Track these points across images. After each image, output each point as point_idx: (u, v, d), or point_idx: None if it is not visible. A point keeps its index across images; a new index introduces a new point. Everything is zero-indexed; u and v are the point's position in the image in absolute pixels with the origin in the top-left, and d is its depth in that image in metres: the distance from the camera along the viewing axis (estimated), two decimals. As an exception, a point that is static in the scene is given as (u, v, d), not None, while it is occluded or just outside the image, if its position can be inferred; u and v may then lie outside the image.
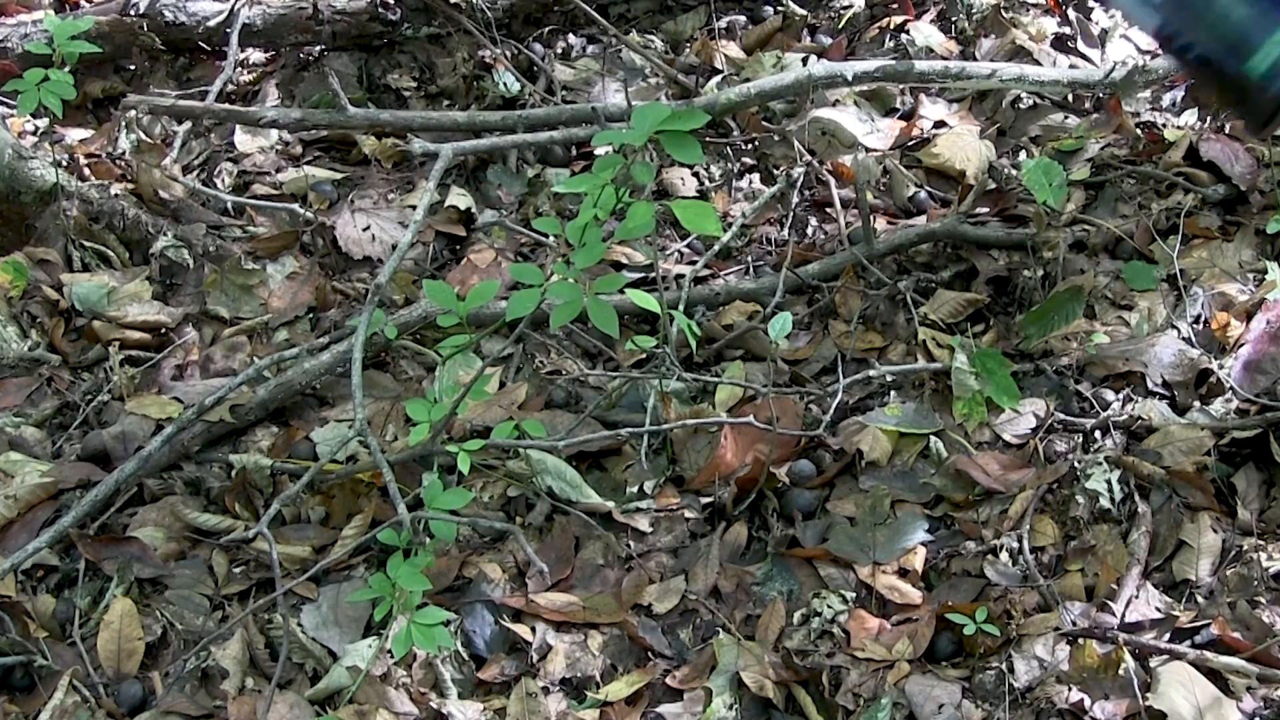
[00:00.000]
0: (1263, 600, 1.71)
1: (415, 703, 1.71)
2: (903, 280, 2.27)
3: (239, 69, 2.87)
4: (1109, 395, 2.06)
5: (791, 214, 2.50)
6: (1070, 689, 1.63)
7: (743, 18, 3.06)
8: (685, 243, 2.48)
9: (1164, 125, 2.58)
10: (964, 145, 2.55)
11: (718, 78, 2.83)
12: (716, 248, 2.42)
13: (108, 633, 1.79)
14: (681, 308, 2.19)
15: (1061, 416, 2.02)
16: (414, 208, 2.34)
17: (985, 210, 2.42)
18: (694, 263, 2.39)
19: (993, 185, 2.46)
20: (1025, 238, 2.30)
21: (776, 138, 2.64)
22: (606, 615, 1.84)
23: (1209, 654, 1.65)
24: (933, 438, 2.01)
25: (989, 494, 1.93)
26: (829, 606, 1.79)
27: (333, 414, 2.13)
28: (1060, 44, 2.84)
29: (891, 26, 2.92)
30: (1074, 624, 1.72)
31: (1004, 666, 1.68)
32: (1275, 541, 1.80)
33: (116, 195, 2.41)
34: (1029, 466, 1.96)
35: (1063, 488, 1.91)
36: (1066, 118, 2.65)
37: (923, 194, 2.53)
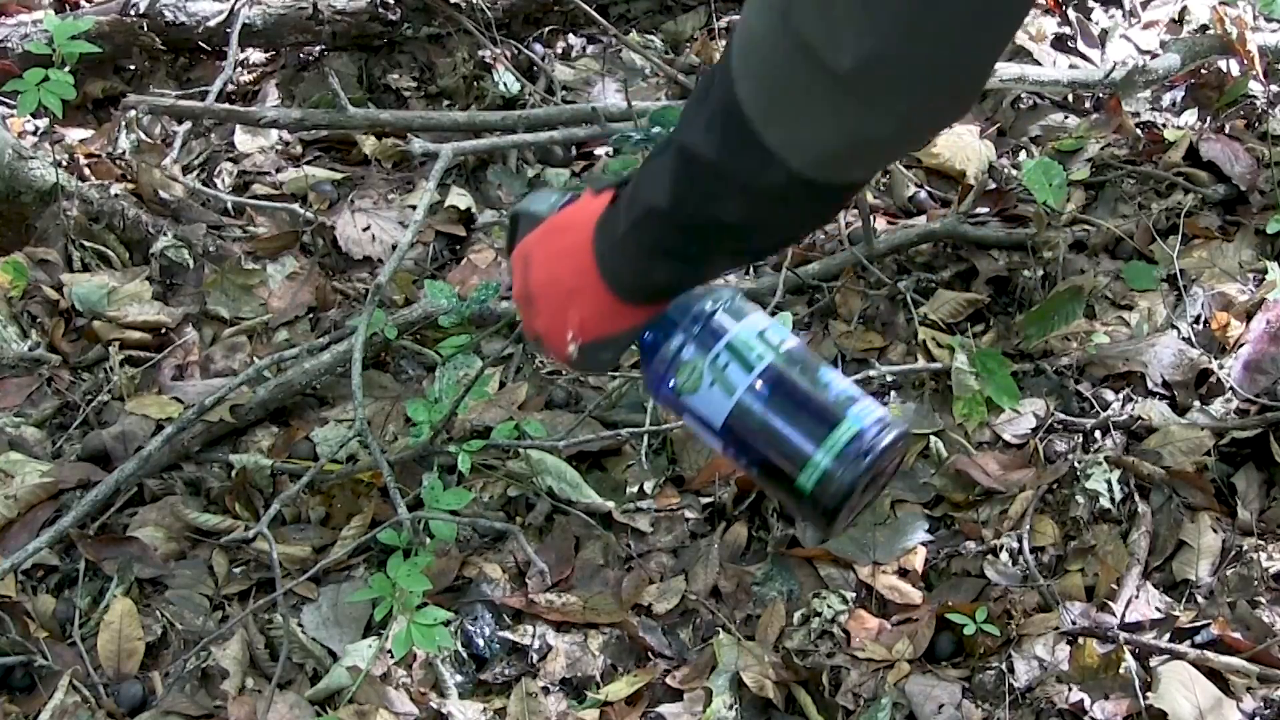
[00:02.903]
0: (1263, 600, 1.71)
1: (415, 703, 1.71)
2: (903, 280, 2.27)
3: (239, 69, 2.87)
4: (1109, 395, 2.05)
5: (791, 214, 2.50)
6: (1070, 689, 1.63)
7: (743, 18, 3.06)
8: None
9: (1164, 125, 2.58)
10: (964, 145, 2.55)
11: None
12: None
13: (108, 633, 1.78)
14: (681, 308, 2.18)
15: (1061, 416, 2.02)
16: (414, 208, 2.34)
17: (985, 210, 2.41)
18: (694, 263, 2.39)
19: (993, 185, 2.46)
20: (1025, 238, 2.30)
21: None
22: (606, 615, 1.83)
23: (1209, 654, 1.65)
24: (933, 438, 2.01)
25: (989, 494, 1.93)
26: (829, 606, 1.79)
27: (333, 414, 2.13)
28: (1060, 44, 2.84)
29: (892, 26, 2.91)
30: (1074, 624, 1.71)
31: (1004, 666, 1.68)
32: (1275, 541, 1.80)
33: (116, 195, 2.41)
34: (1029, 466, 1.96)
35: (1063, 488, 1.91)
36: (1066, 118, 2.65)
37: (923, 194, 2.53)
